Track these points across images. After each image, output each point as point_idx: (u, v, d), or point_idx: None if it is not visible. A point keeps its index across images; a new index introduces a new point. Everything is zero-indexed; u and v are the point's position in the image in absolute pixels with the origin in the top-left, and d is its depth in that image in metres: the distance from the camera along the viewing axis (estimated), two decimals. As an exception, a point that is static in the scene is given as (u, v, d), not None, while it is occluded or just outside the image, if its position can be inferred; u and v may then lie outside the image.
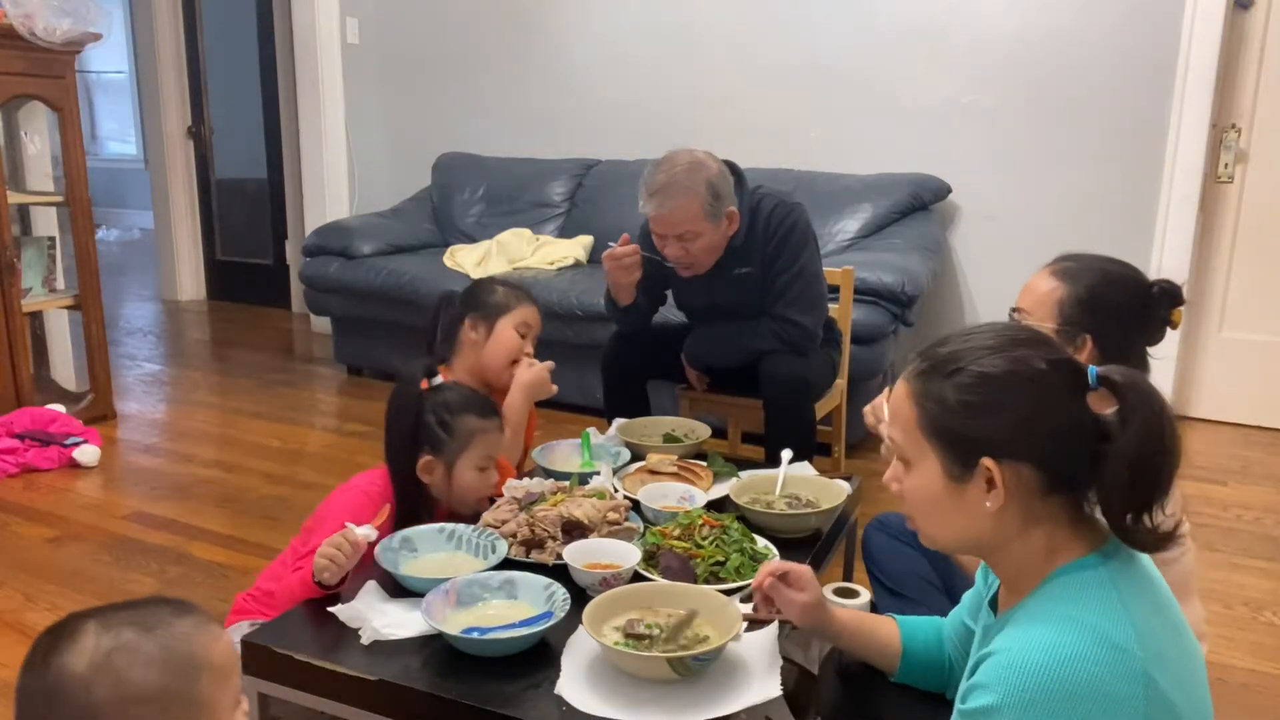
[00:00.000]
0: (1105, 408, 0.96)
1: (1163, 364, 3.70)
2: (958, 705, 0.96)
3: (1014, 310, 1.59)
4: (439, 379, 1.79)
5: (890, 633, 1.31)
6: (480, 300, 2.12)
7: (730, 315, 2.47)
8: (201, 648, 0.88)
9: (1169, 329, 1.54)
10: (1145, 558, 1.01)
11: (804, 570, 1.32)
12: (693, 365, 2.63)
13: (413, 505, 1.74)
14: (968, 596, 1.25)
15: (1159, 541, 0.96)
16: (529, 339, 2.14)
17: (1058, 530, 0.99)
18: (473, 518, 1.74)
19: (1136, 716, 0.88)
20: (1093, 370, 0.97)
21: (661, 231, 2.33)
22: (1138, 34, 3.57)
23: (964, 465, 0.98)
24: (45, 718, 0.84)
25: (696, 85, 4.29)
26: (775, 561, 1.38)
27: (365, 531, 1.51)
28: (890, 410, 1.06)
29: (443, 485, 1.75)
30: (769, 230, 2.40)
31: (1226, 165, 3.61)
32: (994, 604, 1.12)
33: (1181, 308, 1.53)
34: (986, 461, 0.97)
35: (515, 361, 2.12)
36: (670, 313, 2.77)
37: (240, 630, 1.69)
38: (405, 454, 1.74)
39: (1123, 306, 1.50)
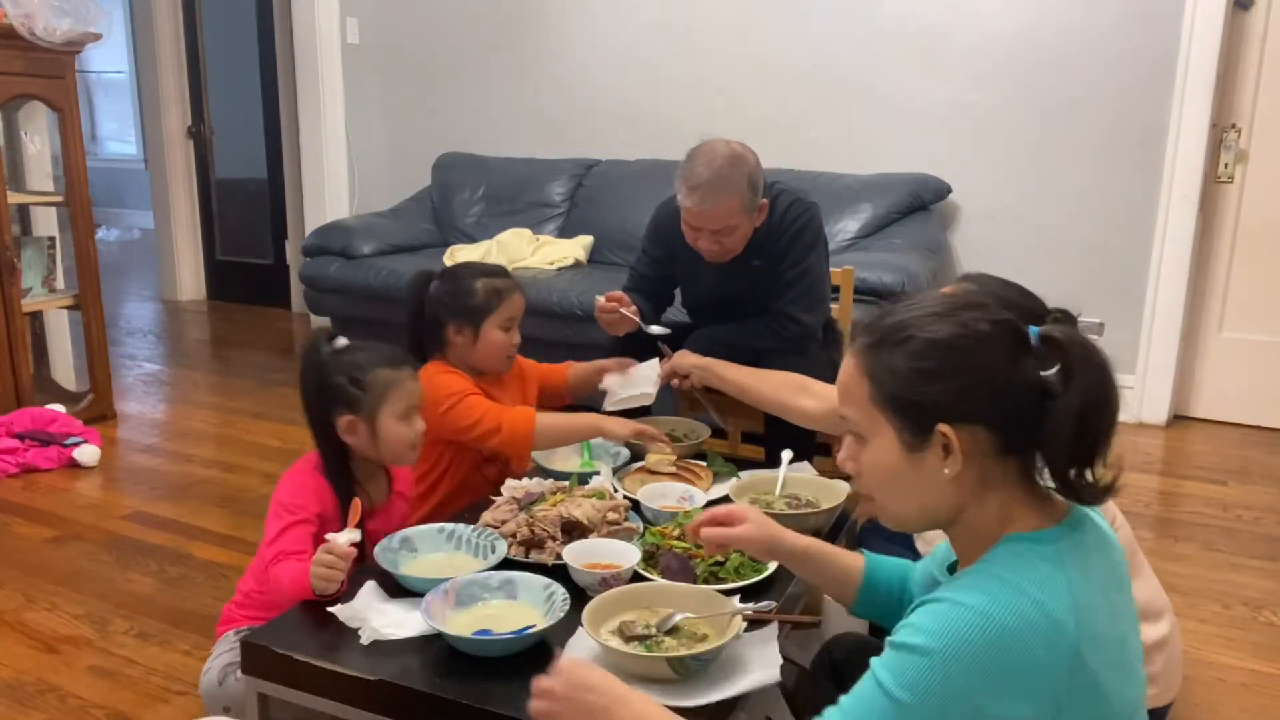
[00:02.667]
0: (1047, 367, 0.98)
1: (1163, 364, 3.72)
2: (889, 639, 0.98)
3: None
4: (342, 341, 1.76)
5: (853, 565, 1.33)
6: (461, 305, 2.07)
7: (737, 308, 2.47)
8: None
9: None
10: (1104, 541, 1.03)
11: (732, 508, 1.35)
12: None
13: (340, 472, 1.72)
14: (939, 549, 1.25)
15: (1100, 494, 0.99)
16: (514, 328, 2.12)
17: (1012, 497, 1.01)
18: (473, 514, 1.75)
19: (1058, 687, 0.90)
20: (1034, 330, 1.00)
21: (699, 225, 2.31)
22: (1138, 34, 3.57)
23: (920, 433, 1.00)
24: None
25: (696, 85, 4.29)
26: (706, 512, 1.39)
27: (348, 536, 1.50)
28: (840, 388, 1.06)
29: (368, 442, 1.72)
30: (783, 226, 2.40)
31: (1226, 165, 3.61)
32: (952, 570, 1.14)
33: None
34: (942, 427, 0.98)
35: (508, 355, 2.13)
36: (671, 313, 2.77)
37: (228, 641, 1.69)
38: (320, 419, 1.72)
39: None
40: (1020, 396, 0.97)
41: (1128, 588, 1.04)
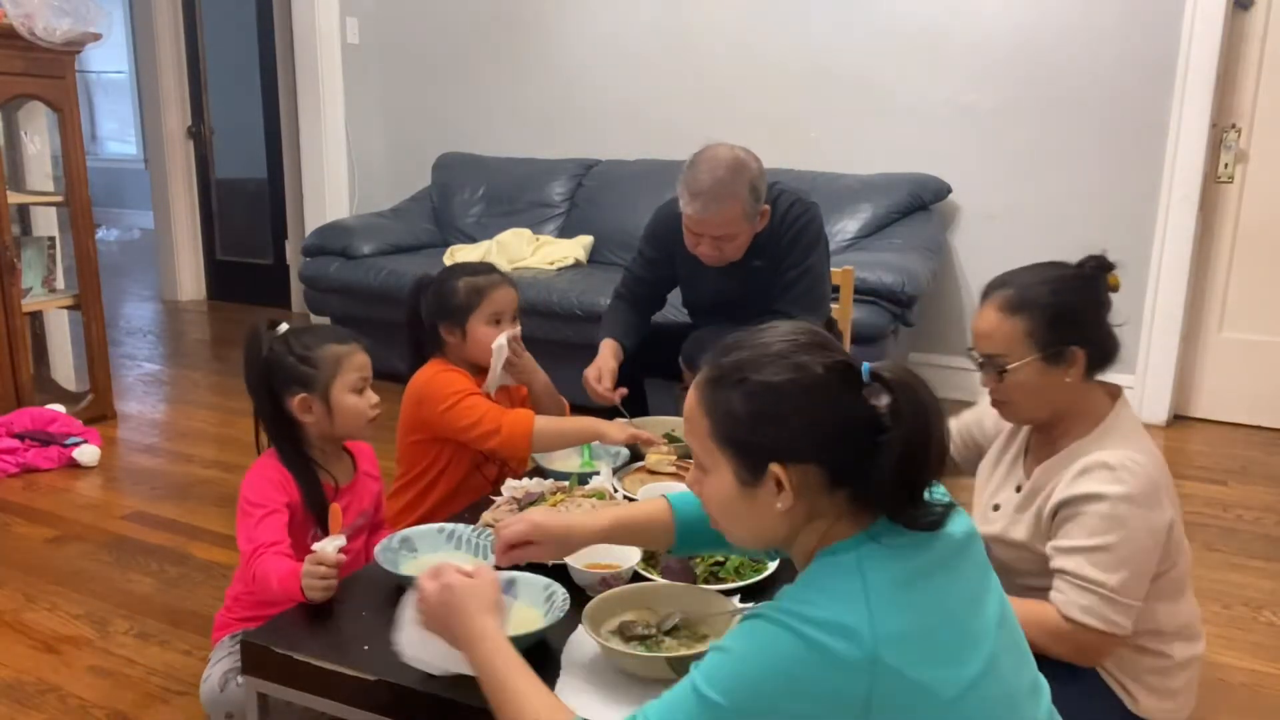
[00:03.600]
0: (877, 405, 1.00)
1: (1163, 364, 3.72)
2: (712, 644, 1.03)
3: (981, 356, 1.56)
4: (284, 327, 1.76)
5: (660, 514, 1.35)
6: (446, 305, 2.08)
7: (738, 309, 2.47)
8: None
9: (1113, 293, 1.58)
10: (925, 534, 1.04)
11: (523, 531, 1.34)
12: (690, 368, 2.63)
13: (298, 458, 1.72)
14: None
15: (931, 523, 1.02)
16: (505, 321, 2.10)
17: (837, 521, 1.04)
18: (473, 514, 1.75)
19: (855, 703, 0.94)
20: (866, 367, 1.02)
21: (699, 231, 2.31)
22: (1138, 34, 3.57)
23: (754, 471, 1.03)
24: None
25: (696, 85, 4.30)
26: (503, 534, 1.36)
27: (335, 543, 1.49)
28: (685, 418, 1.10)
29: (324, 419, 1.73)
30: (783, 226, 2.40)
31: (1226, 165, 3.61)
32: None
33: (1115, 270, 1.57)
34: (774, 467, 1.01)
35: None
36: (670, 312, 2.77)
37: (225, 647, 1.69)
38: (272, 405, 1.72)
39: (1081, 303, 1.54)
40: (850, 434, 1.01)
41: (966, 570, 1.05)
